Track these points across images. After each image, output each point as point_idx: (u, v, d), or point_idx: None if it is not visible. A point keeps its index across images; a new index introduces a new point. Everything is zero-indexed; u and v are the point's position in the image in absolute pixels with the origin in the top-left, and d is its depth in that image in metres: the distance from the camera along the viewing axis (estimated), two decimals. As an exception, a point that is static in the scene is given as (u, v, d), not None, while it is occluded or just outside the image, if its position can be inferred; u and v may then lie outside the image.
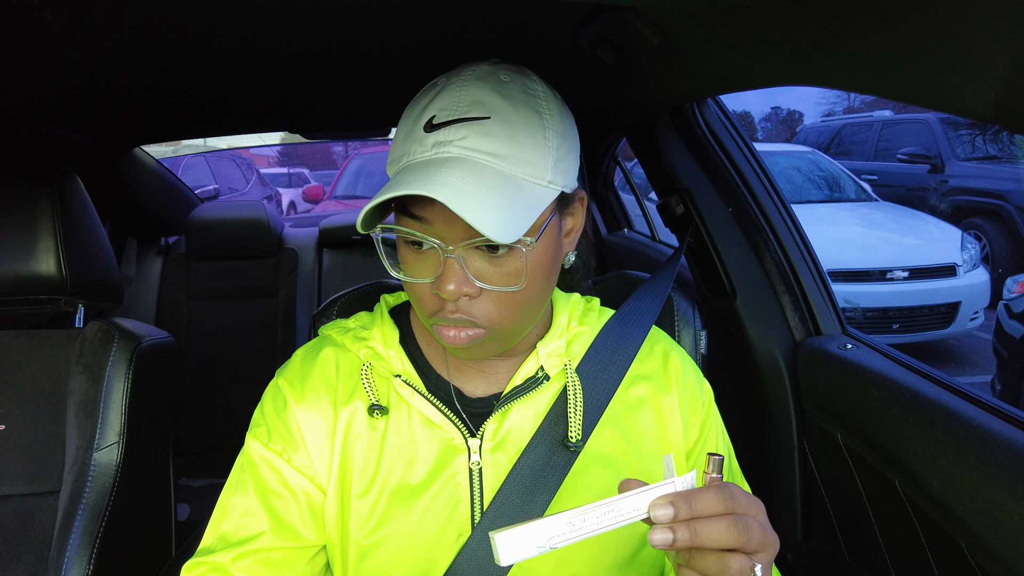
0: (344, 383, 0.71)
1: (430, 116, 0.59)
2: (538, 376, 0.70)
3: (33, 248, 1.11)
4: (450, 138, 0.57)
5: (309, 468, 0.69)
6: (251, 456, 0.70)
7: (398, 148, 0.61)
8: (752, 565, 0.48)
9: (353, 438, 0.69)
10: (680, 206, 1.22)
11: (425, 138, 0.58)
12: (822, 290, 1.14)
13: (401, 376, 0.69)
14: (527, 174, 0.59)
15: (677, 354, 0.77)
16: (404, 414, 0.69)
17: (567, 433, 0.68)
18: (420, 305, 0.62)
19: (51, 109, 1.22)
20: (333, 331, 0.75)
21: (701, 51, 0.78)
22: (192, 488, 2.31)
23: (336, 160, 14.25)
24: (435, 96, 0.60)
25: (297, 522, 0.68)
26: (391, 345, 0.71)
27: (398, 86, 1.23)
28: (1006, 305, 3.00)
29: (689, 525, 0.47)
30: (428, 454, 0.68)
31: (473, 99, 0.59)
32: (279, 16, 0.82)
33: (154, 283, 2.39)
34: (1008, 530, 0.67)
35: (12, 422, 1.12)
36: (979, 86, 0.43)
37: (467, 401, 0.71)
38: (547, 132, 0.60)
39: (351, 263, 2.54)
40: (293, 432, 0.69)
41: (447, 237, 0.57)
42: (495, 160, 0.57)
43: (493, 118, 0.58)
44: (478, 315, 0.60)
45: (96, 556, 1.04)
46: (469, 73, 0.61)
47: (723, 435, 0.78)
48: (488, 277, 0.59)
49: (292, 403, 0.70)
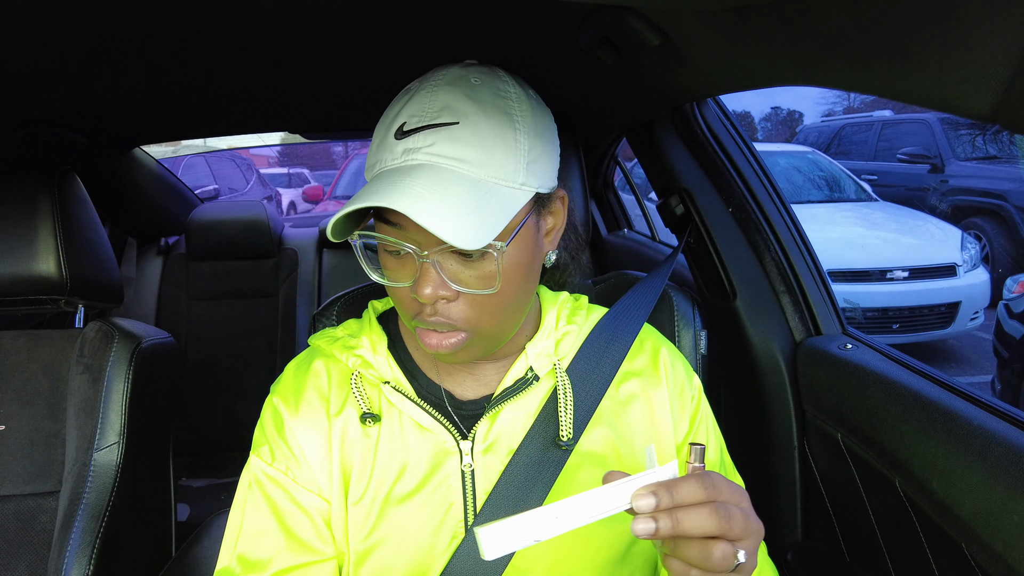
0: (337, 393, 0.71)
1: (401, 123, 0.59)
2: (527, 377, 0.70)
3: (33, 248, 1.11)
4: (419, 145, 0.57)
5: (314, 483, 0.69)
6: (257, 476, 0.70)
7: (372, 155, 0.62)
8: (735, 551, 0.49)
9: (348, 446, 0.69)
10: (680, 206, 1.22)
11: (395, 145, 0.58)
12: (822, 290, 1.14)
13: (390, 383, 0.70)
14: (497, 177, 0.58)
15: (666, 349, 0.78)
16: (396, 420, 0.69)
17: (558, 432, 0.68)
18: (402, 308, 0.63)
19: (51, 109, 1.22)
20: (322, 341, 0.75)
21: (701, 51, 0.78)
22: (192, 488, 2.30)
23: (336, 160, 14.25)
24: (406, 103, 0.60)
25: (311, 537, 0.68)
26: (379, 352, 0.71)
27: (398, 86, 1.23)
28: (1006, 305, 3.00)
29: (671, 514, 0.48)
30: (420, 459, 0.68)
31: (442, 105, 0.59)
32: (279, 16, 0.82)
33: (154, 283, 2.39)
34: (1008, 530, 0.67)
35: (12, 422, 1.12)
36: (979, 86, 0.43)
37: (458, 404, 0.71)
38: (518, 134, 0.60)
39: (351, 263, 2.53)
40: (294, 449, 0.69)
41: (421, 242, 0.58)
42: (463, 166, 0.57)
43: (462, 123, 0.58)
44: (456, 318, 0.60)
45: (96, 556, 1.04)
46: (439, 78, 0.61)
47: (714, 429, 0.78)
48: (464, 280, 0.59)
49: (288, 419, 0.70)
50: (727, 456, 0.79)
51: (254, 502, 0.69)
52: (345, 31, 0.89)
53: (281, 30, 0.88)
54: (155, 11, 0.77)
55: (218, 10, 0.78)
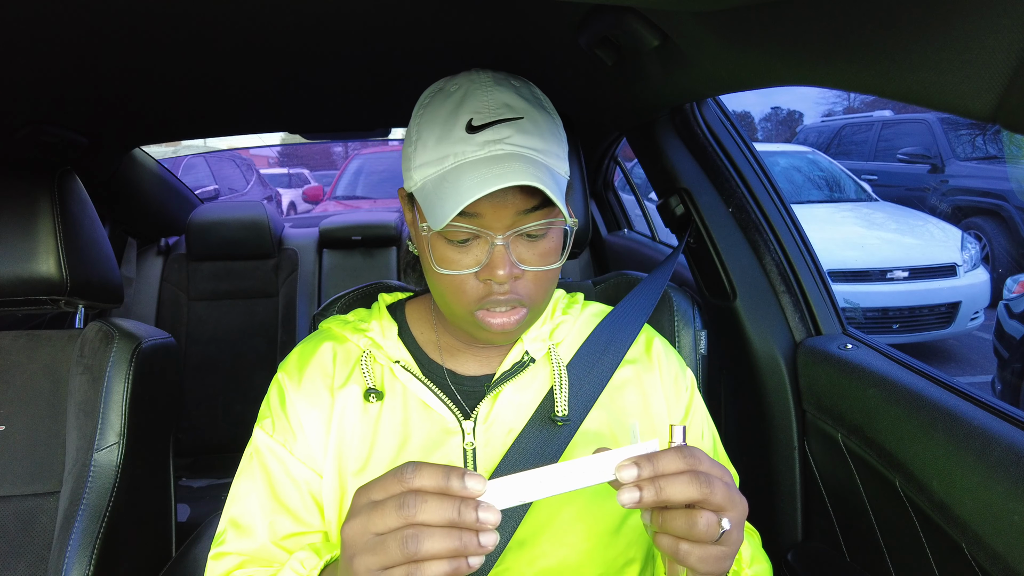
0: (340, 370, 0.75)
1: (467, 119, 0.64)
2: (524, 360, 0.75)
3: (33, 249, 1.11)
4: (498, 137, 0.63)
5: (310, 456, 0.73)
6: (258, 446, 0.75)
7: (436, 150, 0.64)
8: (719, 520, 0.51)
9: (348, 420, 0.73)
10: (680, 206, 1.22)
11: (470, 138, 0.63)
12: (822, 290, 1.14)
13: (400, 362, 0.74)
14: (556, 166, 0.66)
15: (659, 340, 0.83)
16: (400, 398, 0.73)
17: (553, 410, 0.72)
18: (462, 295, 0.66)
19: (51, 109, 1.22)
20: (333, 324, 0.80)
21: (701, 51, 0.78)
22: (192, 489, 2.30)
23: (336, 160, 14.23)
24: (461, 101, 0.65)
25: (299, 507, 0.72)
26: (389, 336, 0.76)
27: (398, 86, 1.23)
28: (1006, 305, 3.00)
29: (654, 482, 0.50)
30: (421, 436, 0.72)
31: (501, 102, 0.65)
32: (280, 17, 0.82)
33: (154, 284, 2.39)
34: (1008, 530, 0.67)
35: (12, 423, 1.12)
36: (979, 86, 0.43)
37: (460, 380, 0.76)
38: (558, 129, 0.69)
39: (351, 263, 2.54)
40: (293, 422, 0.73)
41: (496, 227, 0.63)
42: (538, 154, 0.64)
43: (525, 118, 0.65)
44: (523, 294, 0.66)
45: (96, 557, 1.04)
46: (483, 80, 0.67)
47: (708, 422, 0.83)
48: (528, 260, 0.66)
49: (291, 392, 0.74)
50: (721, 449, 0.83)
51: (251, 471, 0.74)
52: (345, 33, 0.89)
53: (281, 31, 0.88)
54: (155, 11, 0.77)
55: (218, 11, 0.78)
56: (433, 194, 0.63)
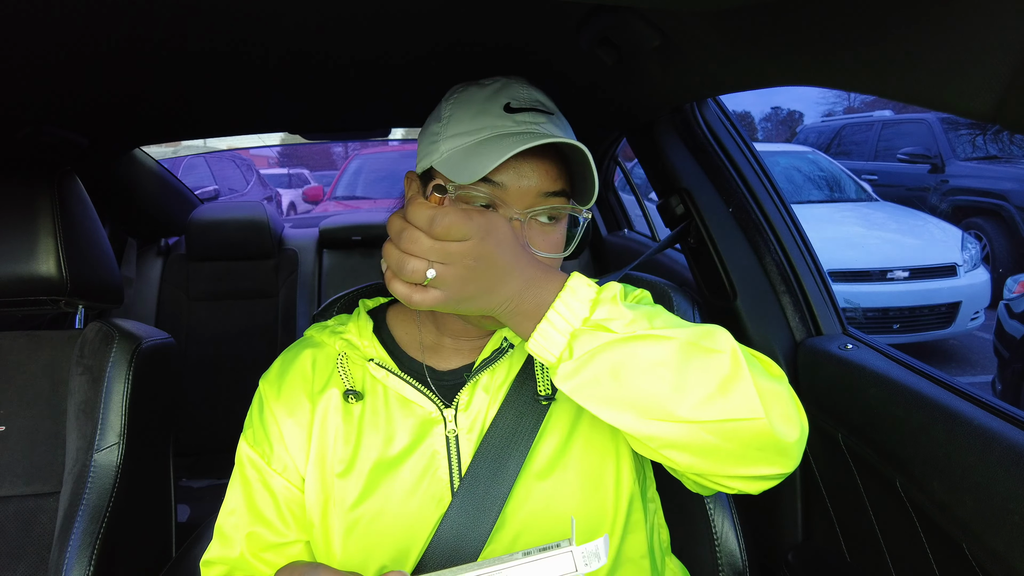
0: (319, 375, 0.76)
1: (505, 102, 0.68)
2: (503, 347, 0.76)
3: (33, 249, 1.11)
4: (535, 120, 0.67)
5: (286, 466, 0.74)
6: (240, 456, 0.77)
7: (472, 123, 0.67)
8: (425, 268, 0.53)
9: (330, 423, 0.73)
10: (680, 206, 1.22)
11: (509, 116, 0.67)
12: (822, 290, 1.14)
13: (374, 360, 0.75)
14: None
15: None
16: (380, 396, 0.74)
17: (536, 390, 0.73)
18: None
19: (51, 109, 1.22)
20: (313, 331, 0.82)
21: (701, 51, 0.78)
22: (192, 489, 2.31)
23: (336, 161, 14.23)
24: (499, 90, 0.69)
25: (274, 518, 0.74)
26: (365, 335, 0.77)
27: (398, 87, 1.23)
28: (1006, 305, 3.00)
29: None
30: (404, 430, 0.72)
31: (535, 97, 0.70)
32: (279, 18, 0.82)
33: (154, 284, 2.39)
34: (1008, 530, 0.67)
35: (12, 423, 1.12)
36: (979, 86, 0.43)
37: (439, 375, 0.76)
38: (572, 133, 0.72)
39: (351, 264, 2.54)
40: (271, 434, 0.75)
41: (517, 203, 0.65)
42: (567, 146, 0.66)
43: (555, 114, 0.70)
44: None
45: (96, 557, 1.03)
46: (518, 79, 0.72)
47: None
48: (538, 244, 0.67)
49: (271, 402, 0.76)
50: None
51: (234, 481, 0.77)
52: (345, 35, 0.89)
53: (281, 32, 0.88)
54: (155, 12, 0.77)
55: (219, 12, 0.78)
56: (463, 158, 0.65)
